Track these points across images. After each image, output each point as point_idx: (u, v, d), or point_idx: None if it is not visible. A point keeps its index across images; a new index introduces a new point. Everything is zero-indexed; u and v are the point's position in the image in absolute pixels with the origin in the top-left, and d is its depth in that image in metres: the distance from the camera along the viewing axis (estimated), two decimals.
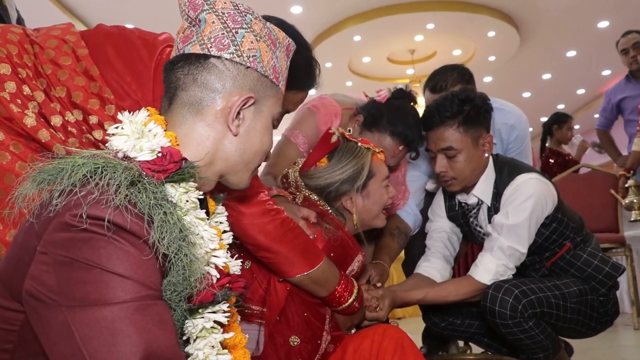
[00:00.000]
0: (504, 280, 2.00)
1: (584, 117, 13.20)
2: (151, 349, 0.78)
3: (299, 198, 1.75)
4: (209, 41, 1.04)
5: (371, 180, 1.78)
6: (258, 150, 1.12)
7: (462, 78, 2.52)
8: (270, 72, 1.09)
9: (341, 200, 1.75)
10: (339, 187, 1.74)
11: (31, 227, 0.86)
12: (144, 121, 0.98)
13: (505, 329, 1.94)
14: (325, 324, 1.58)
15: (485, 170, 2.13)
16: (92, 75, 1.45)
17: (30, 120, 1.36)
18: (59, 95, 1.43)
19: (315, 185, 1.75)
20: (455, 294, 2.06)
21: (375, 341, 1.57)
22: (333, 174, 1.74)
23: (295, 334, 1.52)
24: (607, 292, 2.11)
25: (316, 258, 1.53)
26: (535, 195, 2.00)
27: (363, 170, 1.75)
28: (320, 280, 1.54)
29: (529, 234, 2.02)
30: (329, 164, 1.76)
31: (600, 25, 8.50)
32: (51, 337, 0.80)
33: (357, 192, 1.75)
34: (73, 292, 0.79)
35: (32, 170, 0.88)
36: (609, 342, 3.60)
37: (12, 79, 1.38)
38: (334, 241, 1.62)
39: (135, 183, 0.87)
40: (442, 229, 2.32)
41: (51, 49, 1.46)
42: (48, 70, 1.44)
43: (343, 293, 1.58)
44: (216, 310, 0.95)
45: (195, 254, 0.90)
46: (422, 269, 2.26)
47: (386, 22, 7.98)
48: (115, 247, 0.81)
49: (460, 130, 2.04)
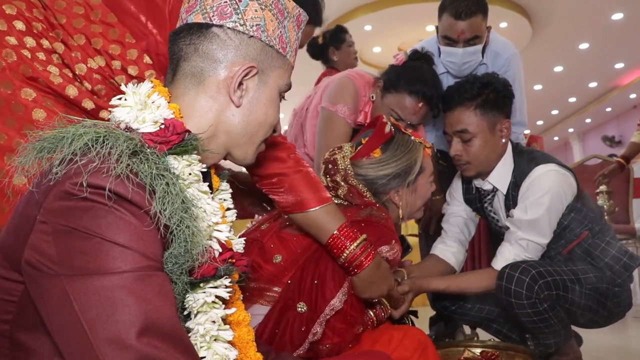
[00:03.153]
0: (521, 260, 1.99)
1: (596, 111, 13.12)
2: (150, 319, 0.76)
3: (342, 190, 1.69)
4: (212, 10, 1.03)
5: (421, 175, 1.75)
6: (262, 123, 1.09)
7: (479, 7, 2.43)
8: (276, 42, 1.07)
9: (389, 193, 1.71)
10: (391, 180, 1.69)
11: (31, 196, 0.85)
12: (148, 93, 0.97)
13: (519, 309, 1.92)
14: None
15: (503, 158, 2.11)
16: (109, 22, 1.44)
17: (57, 78, 1.37)
18: (78, 43, 1.42)
19: (365, 176, 1.69)
20: (477, 286, 2.07)
21: (395, 337, 1.54)
22: (387, 166, 1.69)
23: (303, 300, 1.47)
24: (623, 282, 2.09)
25: (325, 199, 1.44)
26: (554, 189, 1.98)
27: (416, 165, 1.72)
28: (323, 220, 1.43)
29: (550, 227, 2.01)
30: (383, 155, 1.70)
31: (615, 17, 8.41)
32: (50, 307, 0.79)
33: (408, 186, 1.73)
34: (72, 262, 0.78)
35: (32, 138, 0.87)
36: (617, 334, 3.58)
37: (28, 34, 1.37)
38: (373, 219, 1.58)
39: (137, 153, 0.85)
40: (458, 213, 2.34)
41: (62, 0, 1.45)
42: (62, 20, 1.42)
43: (342, 238, 1.43)
44: (218, 285, 0.94)
45: (197, 226, 0.89)
46: (439, 251, 2.30)
47: (397, 11, 7.95)
48: (116, 216, 0.80)
49: (477, 114, 2.04)
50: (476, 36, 2.41)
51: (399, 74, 2.22)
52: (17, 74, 1.34)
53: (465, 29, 2.38)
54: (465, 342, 2.26)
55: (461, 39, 2.41)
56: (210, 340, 0.91)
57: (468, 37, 2.40)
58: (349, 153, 1.73)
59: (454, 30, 2.40)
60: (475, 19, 2.36)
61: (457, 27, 2.38)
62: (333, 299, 1.45)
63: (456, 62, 2.49)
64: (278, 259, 1.52)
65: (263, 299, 1.48)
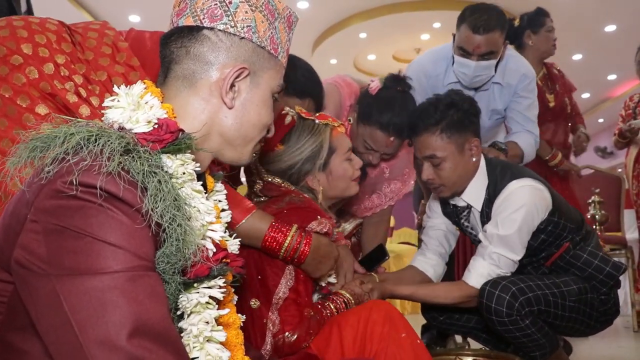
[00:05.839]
0: (501, 277, 1.97)
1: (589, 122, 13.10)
2: (141, 321, 0.76)
3: (257, 186, 1.74)
4: (202, 13, 1.03)
5: (332, 156, 1.76)
6: (256, 124, 1.09)
7: (499, 24, 2.41)
8: (267, 43, 1.07)
9: (305, 179, 1.74)
10: (301, 167, 1.72)
11: (22, 196, 0.84)
12: (141, 93, 0.97)
13: (501, 326, 1.92)
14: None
15: (476, 175, 2.09)
16: (132, 65, 1.52)
17: (72, 97, 1.43)
18: (100, 79, 1.49)
19: (277, 169, 1.73)
20: (445, 297, 2.05)
21: (363, 316, 1.54)
22: (292, 155, 1.72)
23: (254, 296, 1.53)
24: (609, 291, 2.09)
25: (249, 208, 1.52)
26: (527, 205, 1.95)
27: (322, 147, 1.74)
28: (254, 228, 1.51)
29: (521, 243, 1.99)
30: (288, 145, 1.73)
31: (608, 29, 8.45)
32: (39, 307, 0.78)
33: (320, 170, 1.74)
34: (63, 261, 0.77)
35: (24, 138, 0.86)
36: (608, 343, 3.59)
37: (50, 60, 1.44)
38: (293, 204, 1.61)
39: (129, 151, 0.85)
40: (438, 226, 2.32)
41: (93, 39, 1.54)
42: (90, 56, 1.51)
43: (274, 237, 1.51)
44: (212, 286, 0.93)
45: (190, 224, 0.88)
46: (418, 263, 2.28)
47: (392, 20, 7.95)
48: (107, 215, 0.79)
49: (444, 137, 2.01)
50: (492, 51, 2.40)
51: (370, 105, 2.18)
52: (36, 89, 1.40)
53: (482, 43, 2.36)
54: (456, 351, 2.25)
55: (476, 53, 2.40)
56: (204, 341, 0.91)
57: (484, 51, 2.39)
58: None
59: (470, 43, 2.39)
60: (493, 35, 2.35)
61: (474, 40, 2.37)
62: (277, 289, 1.53)
63: (468, 74, 2.48)
64: None
65: None
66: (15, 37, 1.43)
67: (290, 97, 1.97)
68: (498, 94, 2.66)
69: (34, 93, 1.40)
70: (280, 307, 1.53)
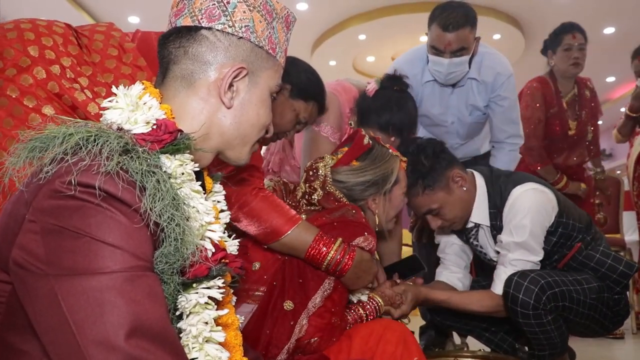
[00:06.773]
0: (529, 270, 1.99)
1: None
2: (139, 321, 0.75)
3: (317, 195, 1.76)
4: (200, 13, 1.03)
5: (396, 186, 1.82)
6: (254, 124, 1.09)
7: (467, 20, 2.45)
8: (265, 43, 1.07)
9: (367, 200, 1.78)
10: (368, 187, 1.76)
11: (21, 196, 0.84)
12: (139, 94, 0.97)
13: (523, 318, 1.92)
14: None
15: (477, 196, 2.13)
16: (139, 65, 1.55)
17: (81, 95, 1.45)
18: (106, 81, 1.51)
19: (344, 182, 1.76)
20: (479, 305, 2.07)
21: (376, 332, 1.57)
22: (365, 173, 1.77)
23: (289, 298, 1.54)
24: (621, 290, 2.10)
25: (296, 219, 1.56)
26: (533, 208, 1.99)
27: (392, 174, 1.80)
28: (299, 239, 1.54)
29: (538, 244, 2.02)
30: (361, 164, 1.79)
31: (606, 31, 8.47)
32: (37, 308, 0.78)
33: (384, 195, 1.79)
34: (61, 261, 0.77)
35: (23, 139, 0.86)
36: (607, 345, 3.59)
37: (56, 63, 1.46)
38: (344, 218, 1.64)
39: (128, 151, 0.85)
40: (452, 242, 2.35)
41: (99, 41, 1.57)
42: (97, 59, 1.53)
43: (318, 249, 1.53)
44: (211, 286, 0.93)
45: (188, 224, 0.88)
46: (445, 277, 2.30)
47: (391, 21, 7.95)
48: (106, 215, 0.79)
49: (428, 192, 2.07)
50: (463, 48, 2.44)
51: (369, 107, 2.24)
52: (43, 90, 1.42)
53: (452, 40, 2.41)
54: (454, 352, 2.26)
55: (447, 50, 2.44)
56: (203, 341, 0.91)
57: (455, 48, 2.43)
58: (330, 162, 1.80)
59: (441, 41, 2.43)
60: (462, 32, 2.39)
61: (445, 38, 2.41)
62: (314, 296, 1.54)
63: (442, 72, 2.52)
64: (257, 266, 1.58)
65: (249, 299, 1.53)
66: (22, 40, 1.45)
67: (296, 100, 1.98)
68: (476, 90, 2.70)
69: (41, 94, 1.41)
70: (312, 314, 1.54)
